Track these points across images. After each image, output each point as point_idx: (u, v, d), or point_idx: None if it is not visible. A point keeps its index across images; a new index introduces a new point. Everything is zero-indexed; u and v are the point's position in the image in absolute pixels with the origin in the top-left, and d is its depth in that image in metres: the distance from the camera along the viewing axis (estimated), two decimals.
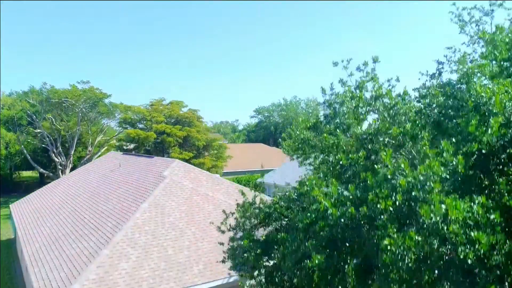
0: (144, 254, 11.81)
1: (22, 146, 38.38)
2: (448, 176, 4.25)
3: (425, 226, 3.90)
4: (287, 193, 7.41)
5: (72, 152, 38.70)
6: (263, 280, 7.20)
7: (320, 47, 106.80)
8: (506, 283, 4.26)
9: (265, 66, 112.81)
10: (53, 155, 37.62)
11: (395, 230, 4.05)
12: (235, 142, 73.44)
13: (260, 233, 8.37)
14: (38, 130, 37.16)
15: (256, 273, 7.37)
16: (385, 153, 4.78)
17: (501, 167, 4.68)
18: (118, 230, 12.66)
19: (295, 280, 5.61)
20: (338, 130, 6.24)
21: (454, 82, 6.45)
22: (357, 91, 6.72)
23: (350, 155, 5.61)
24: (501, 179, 4.54)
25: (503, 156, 4.62)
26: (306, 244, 4.92)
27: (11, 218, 30.27)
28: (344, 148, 6.21)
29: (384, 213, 4.21)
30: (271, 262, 7.06)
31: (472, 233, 3.82)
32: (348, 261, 4.78)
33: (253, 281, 7.67)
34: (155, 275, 11.16)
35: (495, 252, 4.02)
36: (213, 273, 11.81)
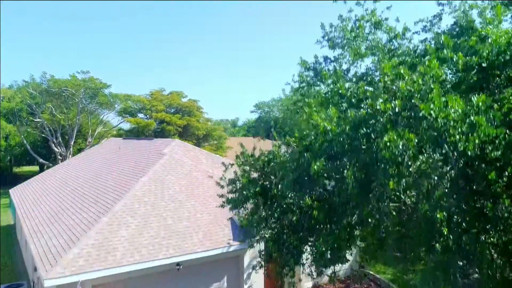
0: (144, 223, 11.78)
1: (22, 136, 38.37)
2: (447, 76, 4.24)
3: (424, 123, 3.88)
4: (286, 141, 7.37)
5: (72, 143, 38.68)
6: (263, 214, 7.23)
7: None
8: (506, 173, 4.26)
9: (266, 63, 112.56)
10: (53, 145, 37.60)
11: (394, 131, 4.04)
12: (235, 136, 73.38)
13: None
14: (38, 120, 37.13)
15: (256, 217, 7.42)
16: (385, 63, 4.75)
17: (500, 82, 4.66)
18: (117, 201, 12.64)
19: (291, 201, 5.61)
20: (337, 69, 6.23)
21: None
22: (357, 23, 6.69)
23: (349, 86, 5.61)
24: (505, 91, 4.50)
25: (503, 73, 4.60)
26: (305, 155, 4.90)
27: (11, 206, 30.33)
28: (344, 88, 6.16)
29: (383, 116, 4.19)
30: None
31: (472, 118, 3.79)
32: (348, 167, 4.75)
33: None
34: (154, 242, 11.13)
35: (495, 146, 4.01)
36: (213, 243, 11.79)
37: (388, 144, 4.06)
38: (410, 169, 4.17)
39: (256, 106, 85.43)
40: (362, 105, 4.93)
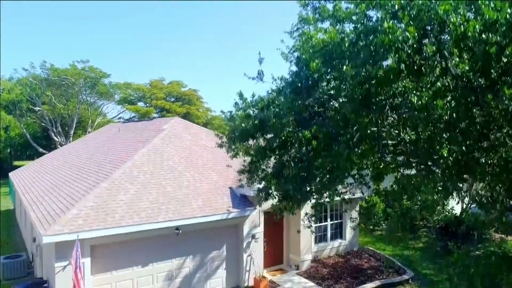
0: (143, 189, 11.75)
1: (22, 125, 38.35)
2: None
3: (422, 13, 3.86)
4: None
5: (72, 133, 38.70)
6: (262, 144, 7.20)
7: None
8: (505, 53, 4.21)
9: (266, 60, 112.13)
10: (53, 134, 37.62)
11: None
12: None
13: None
14: (38, 108, 37.11)
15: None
16: None
17: None
18: (116, 169, 12.61)
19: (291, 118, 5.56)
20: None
21: None
22: None
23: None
24: None
25: None
26: (302, 57, 4.84)
27: (11, 193, 30.34)
28: None
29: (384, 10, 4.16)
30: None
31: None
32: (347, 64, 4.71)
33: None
34: (153, 206, 11.10)
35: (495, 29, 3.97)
36: (212, 209, 11.75)
37: (388, 30, 4.05)
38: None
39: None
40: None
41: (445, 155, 5.21)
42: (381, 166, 6.42)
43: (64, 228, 9.38)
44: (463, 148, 5.36)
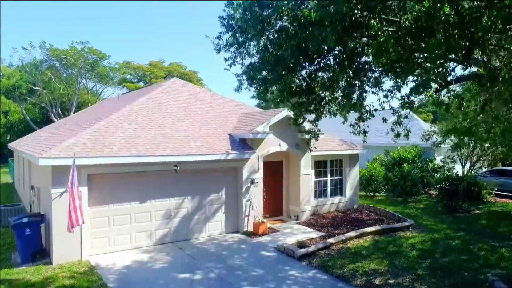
0: (141, 129, 11.66)
1: (22, 107, 38.28)
2: None
3: None
4: None
5: (72, 114, 38.61)
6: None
7: None
8: None
9: None
10: (53, 116, 37.52)
11: None
12: None
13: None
14: (37, 88, 37.02)
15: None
16: None
17: None
18: (114, 113, 12.52)
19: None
20: None
21: None
22: None
23: None
24: None
25: None
26: None
27: (10, 172, 30.25)
28: None
29: None
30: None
31: None
32: None
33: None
34: (151, 143, 11.00)
35: None
36: (211, 149, 11.65)
37: None
38: None
39: None
40: None
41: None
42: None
43: (60, 153, 9.28)
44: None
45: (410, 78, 8.56)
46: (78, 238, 9.57)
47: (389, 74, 8.29)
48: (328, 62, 8.22)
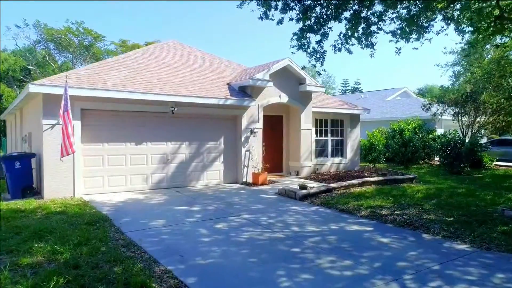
0: (137, 72, 11.26)
1: (16, 88, 37.66)
2: None
3: None
4: None
5: None
6: None
7: None
8: None
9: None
10: None
11: None
12: None
13: None
14: (32, 68, 36.45)
15: None
16: None
17: None
18: (109, 58, 12.10)
19: None
20: None
21: None
22: None
23: None
24: None
25: None
26: None
27: (3, 149, 29.69)
28: None
29: None
30: None
31: None
32: None
33: None
34: (148, 83, 10.61)
35: None
36: (208, 94, 11.26)
37: None
38: None
39: None
40: None
41: None
42: None
43: (52, 82, 8.88)
44: None
45: None
46: (70, 175, 9.17)
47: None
48: None
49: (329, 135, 15.21)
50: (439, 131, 21.49)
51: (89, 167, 9.65)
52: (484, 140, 21.21)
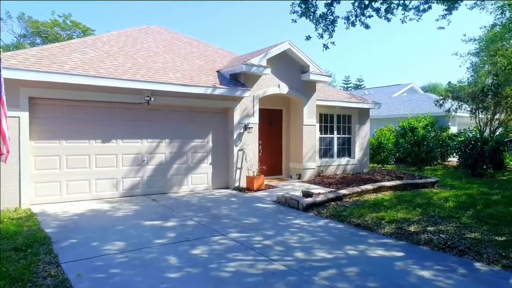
0: (106, 55, 9.36)
1: None
2: None
3: None
4: None
5: None
6: None
7: None
8: None
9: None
10: None
11: None
12: None
13: None
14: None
15: None
16: None
17: None
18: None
19: None
20: None
21: None
22: None
23: None
24: None
25: None
26: None
27: None
28: None
29: None
30: None
31: None
32: None
33: None
34: (118, 68, 8.71)
35: None
36: (194, 81, 9.38)
37: None
38: None
39: None
40: None
41: None
42: None
43: None
44: None
45: None
46: (15, 180, 7.28)
47: None
48: None
49: (335, 132, 13.34)
50: (452, 129, 19.64)
51: (41, 170, 7.76)
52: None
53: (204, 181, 9.93)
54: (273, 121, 11.96)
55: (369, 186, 9.48)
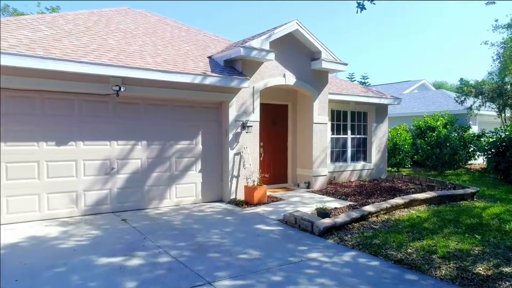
0: (68, 35, 7.39)
1: None
2: None
3: None
4: None
5: None
6: None
7: None
8: None
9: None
10: None
11: None
12: None
13: None
14: None
15: None
16: None
17: None
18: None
19: None
20: None
21: None
22: None
23: None
24: None
25: None
26: None
27: None
28: None
29: None
30: None
31: None
32: None
33: None
34: (79, 49, 6.74)
35: None
36: (178, 68, 7.42)
37: None
38: None
39: None
40: None
41: None
42: None
43: None
44: None
45: None
46: None
47: None
48: None
49: (349, 132, 11.40)
50: (474, 129, 17.69)
51: None
52: None
53: (192, 193, 7.97)
54: (277, 119, 10.01)
55: (399, 200, 7.52)
